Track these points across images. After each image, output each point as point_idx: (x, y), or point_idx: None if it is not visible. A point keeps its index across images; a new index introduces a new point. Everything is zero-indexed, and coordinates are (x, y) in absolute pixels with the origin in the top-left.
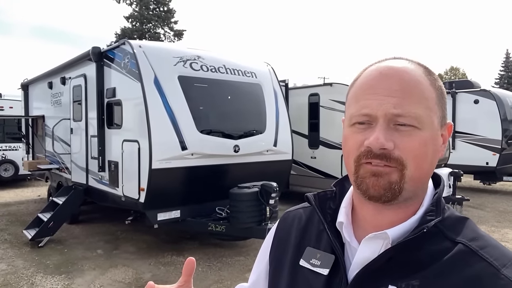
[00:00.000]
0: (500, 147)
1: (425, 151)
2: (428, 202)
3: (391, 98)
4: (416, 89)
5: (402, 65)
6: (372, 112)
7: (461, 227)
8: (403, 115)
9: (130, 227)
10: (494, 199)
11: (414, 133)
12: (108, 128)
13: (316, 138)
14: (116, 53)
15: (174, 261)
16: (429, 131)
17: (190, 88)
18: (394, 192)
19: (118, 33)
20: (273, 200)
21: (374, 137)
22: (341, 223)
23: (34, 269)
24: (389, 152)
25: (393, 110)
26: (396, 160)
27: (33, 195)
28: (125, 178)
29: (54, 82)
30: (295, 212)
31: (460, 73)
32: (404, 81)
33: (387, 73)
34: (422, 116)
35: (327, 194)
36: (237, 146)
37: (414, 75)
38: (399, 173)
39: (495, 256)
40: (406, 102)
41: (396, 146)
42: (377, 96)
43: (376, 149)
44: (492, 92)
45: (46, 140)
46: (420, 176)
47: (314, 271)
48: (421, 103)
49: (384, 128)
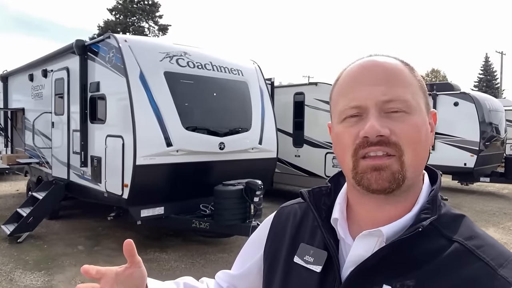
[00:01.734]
0: (478, 148)
1: (419, 135)
2: (424, 198)
3: (378, 86)
4: (400, 76)
5: (381, 58)
6: (361, 103)
7: (457, 225)
8: (393, 99)
9: (111, 223)
10: (471, 199)
11: (406, 118)
12: (91, 122)
13: (300, 137)
14: (100, 47)
15: (157, 258)
16: (419, 115)
17: (176, 84)
18: (398, 182)
19: (101, 26)
20: (258, 198)
21: (369, 125)
22: (335, 219)
23: (13, 265)
24: (387, 138)
25: (382, 97)
26: (394, 145)
27: (11, 190)
28: (108, 174)
29: (35, 74)
30: (290, 208)
31: (440, 75)
32: (388, 69)
33: (370, 66)
34: (410, 100)
35: (322, 190)
36: (223, 144)
37: (395, 64)
38: (399, 161)
39: (492, 256)
40: (393, 88)
41: (392, 132)
42: (364, 87)
43: (372, 137)
44: (471, 95)
45: (26, 134)
46: (418, 162)
47: (307, 268)
48: (406, 87)
49: (377, 116)
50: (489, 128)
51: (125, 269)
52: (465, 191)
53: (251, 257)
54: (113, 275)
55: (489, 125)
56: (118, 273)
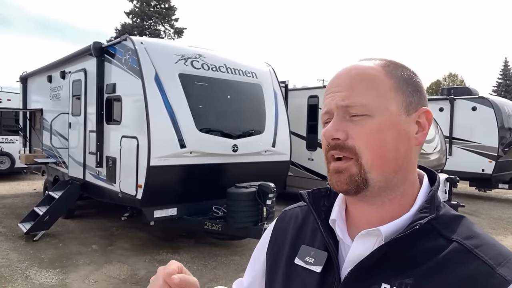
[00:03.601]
0: (496, 154)
1: (381, 137)
2: (422, 199)
3: (340, 92)
4: (363, 81)
5: (355, 63)
6: (328, 109)
7: (456, 225)
8: (351, 105)
9: (125, 223)
10: (489, 206)
11: (366, 122)
12: (107, 123)
13: (314, 140)
14: (117, 49)
15: (169, 259)
16: (384, 117)
17: (190, 86)
18: (357, 184)
19: (118, 29)
20: (270, 201)
21: (325, 129)
22: (333, 220)
23: (28, 262)
24: (342, 142)
25: (341, 102)
26: (349, 149)
27: (28, 189)
28: (123, 174)
29: (53, 76)
30: (292, 211)
31: (458, 80)
32: (351, 75)
33: (339, 73)
34: (371, 104)
35: (321, 192)
36: (236, 146)
37: (363, 69)
38: (356, 164)
39: (490, 255)
40: (353, 94)
41: (349, 136)
42: (331, 94)
43: (329, 140)
44: (490, 99)
45: (44, 134)
46: (384, 163)
47: (308, 269)
48: (369, 91)
49: (337, 120)
50: (508, 133)
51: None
52: (483, 198)
53: (254, 266)
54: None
55: (508, 130)
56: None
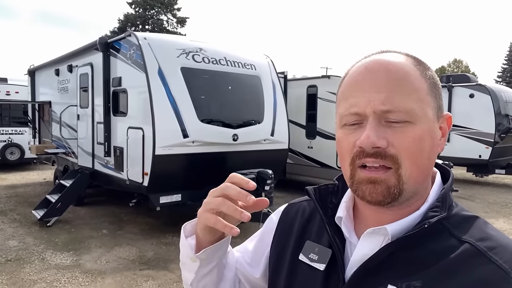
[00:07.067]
0: (493, 140)
1: (421, 146)
2: (434, 197)
3: (378, 94)
4: (404, 81)
5: (388, 57)
6: (360, 111)
7: (469, 225)
8: (393, 110)
9: (133, 210)
10: (485, 191)
11: (408, 129)
12: (114, 115)
13: (313, 129)
14: (122, 44)
15: (174, 241)
16: (424, 124)
17: (192, 79)
18: (394, 196)
19: (121, 19)
20: (269, 187)
21: (364, 135)
22: (339, 217)
23: (44, 246)
24: (384, 150)
25: (381, 106)
26: (392, 158)
27: (38, 178)
28: (130, 163)
29: (61, 69)
30: (298, 205)
31: (463, 66)
32: (391, 73)
33: (373, 68)
34: (414, 109)
35: (328, 188)
36: (236, 135)
37: (401, 67)
38: (396, 174)
39: (505, 258)
40: (394, 96)
41: (390, 143)
42: (364, 93)
43: (368, 148)
44: (487, 86)
45: (53, 125)
46: (419, 174)
47: (311, 266)
48: (411, 95)
49: (375, 125)
50: (505, 120)
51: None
52: (480, 183)
53: (260, 250)
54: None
55: (505, 117)
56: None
